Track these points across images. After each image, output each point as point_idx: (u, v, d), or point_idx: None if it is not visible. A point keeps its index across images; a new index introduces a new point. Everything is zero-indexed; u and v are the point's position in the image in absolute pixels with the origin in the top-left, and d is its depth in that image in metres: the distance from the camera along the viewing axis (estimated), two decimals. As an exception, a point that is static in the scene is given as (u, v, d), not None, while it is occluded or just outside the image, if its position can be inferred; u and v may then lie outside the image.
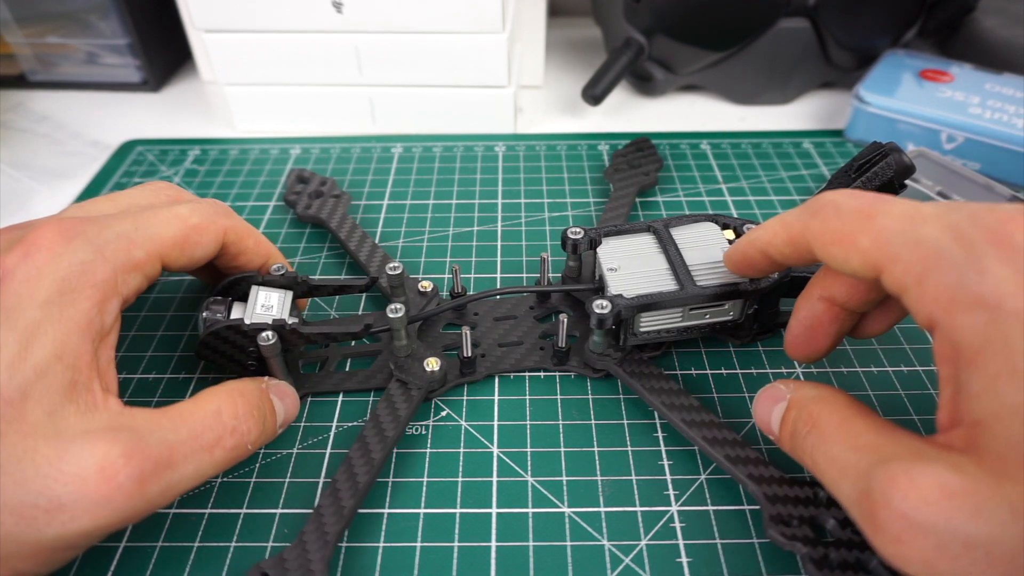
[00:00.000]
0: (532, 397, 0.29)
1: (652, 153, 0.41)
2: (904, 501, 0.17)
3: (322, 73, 0.44)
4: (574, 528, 0.25)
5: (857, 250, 0.20)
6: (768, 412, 0.24)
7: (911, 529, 0.17)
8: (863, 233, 0.20)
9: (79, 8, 0.48)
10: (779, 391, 0.24)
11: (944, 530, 0.16)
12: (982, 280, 0.17)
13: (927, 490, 0.17)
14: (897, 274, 0.19)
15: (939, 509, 0.17)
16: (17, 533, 0.19)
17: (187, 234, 0.25)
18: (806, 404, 0.22)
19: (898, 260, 0.19)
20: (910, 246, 0.19)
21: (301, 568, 0.22)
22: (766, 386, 0.24)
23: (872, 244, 0.20)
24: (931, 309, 0.18)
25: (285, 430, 0.26)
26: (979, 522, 0.16)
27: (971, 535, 0.16)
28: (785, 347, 0.28)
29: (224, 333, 0.26)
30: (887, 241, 0.19)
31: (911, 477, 0.17)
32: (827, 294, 0.25)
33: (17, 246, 0.22)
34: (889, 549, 0.18)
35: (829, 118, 0.48)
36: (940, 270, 0.18)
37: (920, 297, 0.19)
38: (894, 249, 0.19)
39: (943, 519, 0.17)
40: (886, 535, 0.18)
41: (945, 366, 0.19)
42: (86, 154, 0.45)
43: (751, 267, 0.26)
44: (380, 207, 0.40)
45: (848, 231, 0.20)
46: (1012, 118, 0.40)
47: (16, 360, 0.20)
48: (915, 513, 0.17)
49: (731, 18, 0.44)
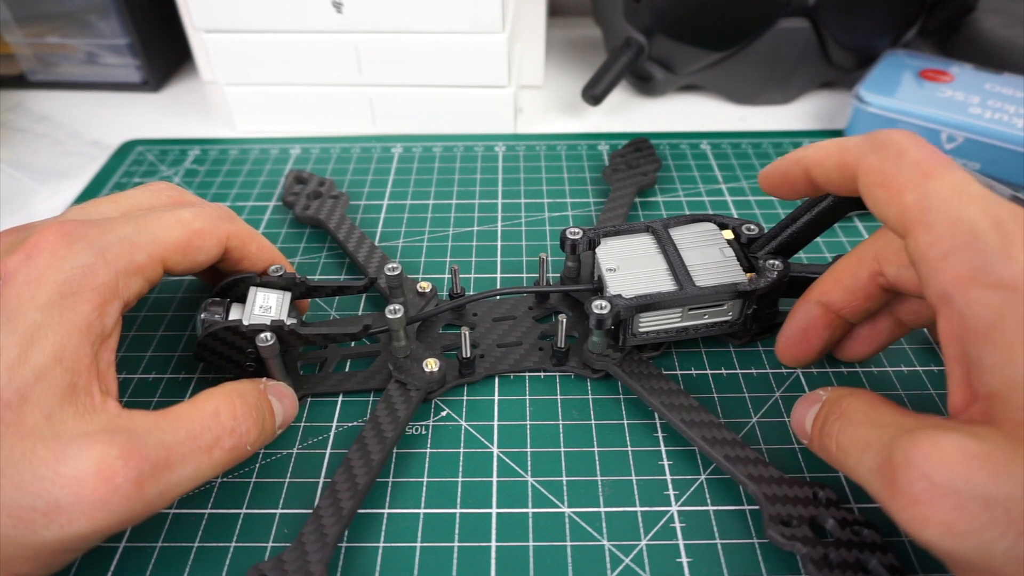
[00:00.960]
0: (532, 397, 0.29)
1: (651, 153, 0.41)
2: (926, 462, 0.18)
3: (322, 73, 0.44)
4: (574, 528, 0.25)
5: (899, 202, 0.20)
6: (804, 415, 0.24)
7: (932, 488, 0.17)
8: (912, 189, 0.20)
9: (79, 8, 0.48)
10: (817, 396, 0.24)
11: (964, 489, 0.17)
12: (1008, 265, 0.18)
13: (948, 452, 0.17)
14: (924, 243, 0.19)
15: (960, 469, 0.17)
16: (15, 536, 0.19)
17: (190, 239, 0.25)
18: (838, 400, 0.23)
19: (930, 229, 0.19)
20: (947, 220, 0.19)
21: (300, 569, 0.22)
22: (806, 393, 0.25)
23: (915, 204, 0.20)
24: (947, 284, 0.19)
25: (284, 431, 0.26)
26: (1000, 482, 0.17)
27: (991, 494, 0.17)
28: (776, 349, 0.28)
29: (222, 334, 0.26)
30: (929, 208, 0.19)
31: (935, 440, 0.18)
32: (825, 299, 0.27)
33: (19, 248, 0.22)
34: (908, 512, 0.18)
35: (829, 118, 0.48)
36: (969, 251, 0.18)
37: (940, 271, 0.19)
38: (931, 218, 0.19)
39: (964, 478, 0.17)
40: (906, 497, 0.18)
41: (952, 345, 0.19)
42: (86, 154, 0.45)
43: (788, 185, 0.25)
44: (380, 207, 0.40)
45: (901, 180, 0.20)
46: (1012, 118, 0.40)
47: (16, 363, 0.20)
48: (936, 473, 0.17)
49: (731, 18, 0.44)
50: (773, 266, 0.28)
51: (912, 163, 0.20)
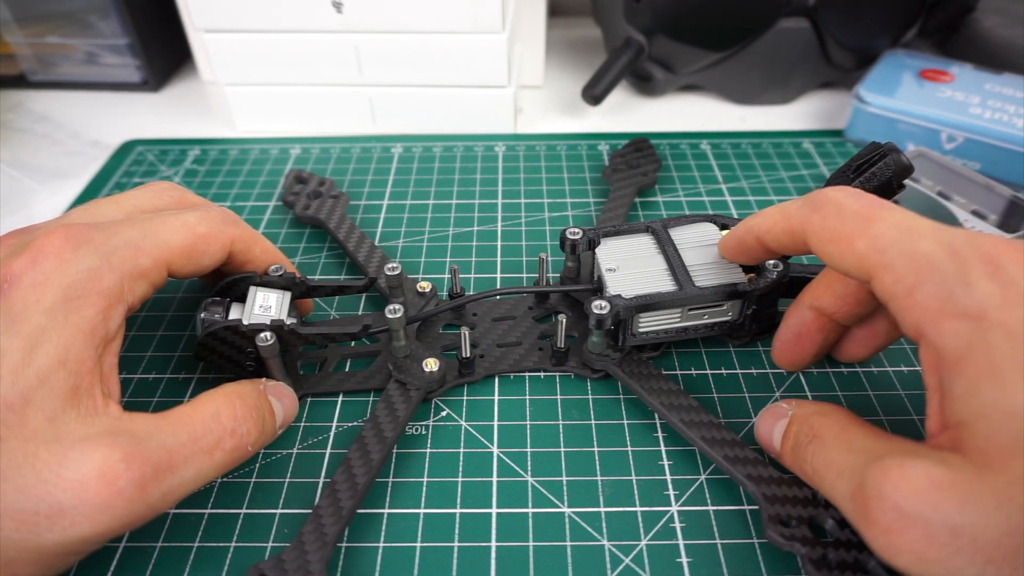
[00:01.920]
0: (532, 397, 0.29)
1: (651, 153, 0.41)
2: (896, 491, 0.18)
3: (322, 73, 0.44)
4: (574, 528, 0.25)
5: (853, 252, 0.21)
6: (770, 429, 0.24)
7: (902, 519, 0.18)
8: (860, 237, 0.21)
9: (79, 8, 0.48)
10: (781, 409, 0.24)
11: (932, 519, 0.17)
12: (969, 293, 0.18)
13: (917, 481, 0.18)
14: (888, 283, 0.20)
15: (928, 498, 0.17)
16: (18, 539, 0.19)
17: (194, 243, 0.25)
18: (807, 418, 0.23)
19: (891, 269, 0.20)
20: (905, 257, 0.20)
21: (300, 569, 0.22)
22: (768, 405, 0.25)
23: (868, 249, 0.20)
24: (919, 319, 0.19)
25: (285, 431, 0.26)
26: (965, 511, 0.17)
27: (957, 523, 0.17)
28: (772, 353, 0.29)
29: (222, 334, 0.26)
30: (882, 249, 0.20)
31: (903, 469, 0.18)
32: (816, 303, 0.27)
33: (24, 252, 0.22)
34: (881, 540, 0.18)
35: (829, 118, 0.48)
36: (931, 283, 0.19)
37: (909, 307, 0.19)
38: (888, 258, 0.20)
39: (931, 508, 0.17)
40: (878, 526, 0.18)
41: (931, 375, 0.19)
42: (86, 154, 0.45)
43: (746, 253, 0.26)
44: (380, 207, 0.40)
45: (846, 232, 0.21)
46: (1012, 118, 0.40)
47: (19, 366, 0.20)
48: (905, 503, 0.18)
49: (731, 18, 0.44)
50: (773, 266, 0.28)
51: (852, 213, 0.21)
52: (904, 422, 0.28)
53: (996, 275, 0.18)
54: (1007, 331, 0.18)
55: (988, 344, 0.18)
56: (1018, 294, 0.18)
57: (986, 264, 0.19)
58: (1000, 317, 0.18)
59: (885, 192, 0.25)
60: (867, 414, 0.28)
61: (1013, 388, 0.17)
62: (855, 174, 0.26)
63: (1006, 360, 0.17)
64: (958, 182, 0.38)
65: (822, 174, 0.42)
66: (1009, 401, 0.17)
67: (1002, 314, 0.18)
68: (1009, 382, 0.17)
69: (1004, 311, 0.18)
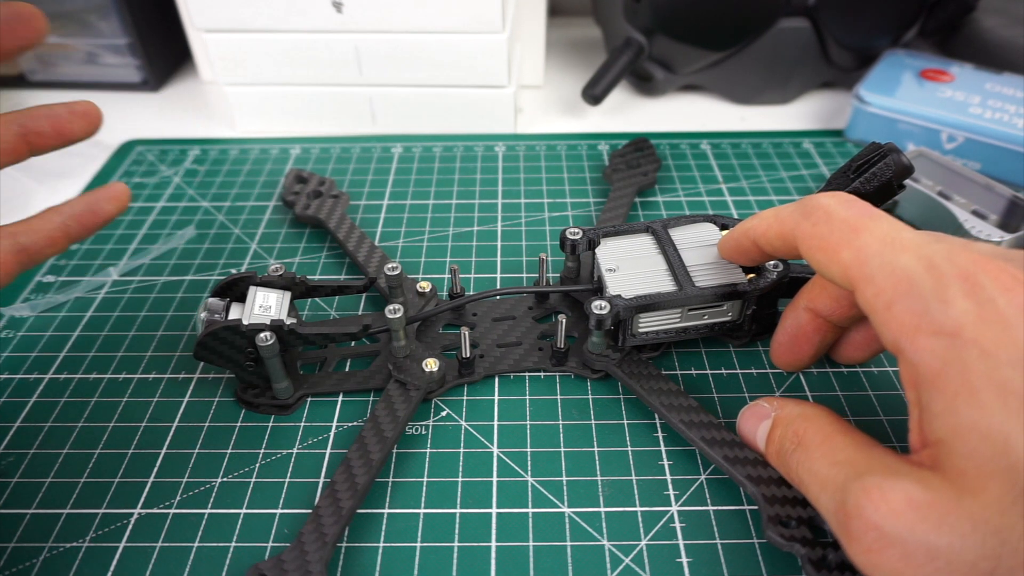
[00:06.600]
0: (532, 397, 0.29)
1: (651, 153, 0.41)
2: (875, 512, 0.18)
3: (322, 73, 0.44)
4: (574, 528, 0.25)
5: (838, 262, 0.21)
6: (753, 429, 0.25)
7: (881, 539, 0.18)
8: (846, 247, 0.21)
9: (79, 8, 0.48)
10: (763, 409, 0.25)
11: (910, 540, 0.17)
12: (945, 310, 0.18)
13: (896, 502, 0.18)
14: (868, 295, 0.20)
15: (906, 520, 0.18)
16: None
17: None
18: (791, 422, 0.23)
19: (871, 282, 0.20)
20: (885, 271, 0.20)
21: (300, 569, 0.22)
22: (749, 404, 0.26)
23: (852, 260, 0.20)
24: (896, 335, 0.19)
25: (284, 430, 0.26)
26: (942, 533, 0.17)
27: (934, 545, 0.17)
28: (771, 354, 0.29)
29: (222, 334, 0.26)
30: (865, 261, 0.20)
31: (883, 490, 0.18)
32: (812, 305, 0.27)
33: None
34: (861, 559, 0.19)
35: (829, 118, 0.48)
36: (908, 298, 0.19)
37: (887, 322, 0.19)
38: (870, 271, 0.20)
39: (909, 529, 0.17)
40: (859, 545, 0.19)
41: (910, 390, 0.19)
42: (86, 154, 0.45)
43: (743, 255, 0.26)
44: (380, 207, 0.40)
45: (833, 241, 0.21)
46: (1012, 118, 0.40)
47: None
48: (884, 523, 0.18)
49: (731, 18, 0.44)
50: (772, 267, 0.28)
51: (840, 222, 0.21)
52: (902, 422, 0.28)
53: (973, 292, 0.18)
54: (982, 349, 0.17)
55: (963, 362, 0.18)
56: (994, 312, 0.18)
57: (963, 281, 0.18)
58: (975, 335, 0.18)
59: (885, 192, 0.25)
60: (867, 414, 0.28)
61: (989, 408, 0.17)
62: (855, 174, 0.26)
63: (981, 379, 0.17)
64: (958, 182, 0.38)
65: (822, 174, 0.42)
66: (986, 422, 0.17)
67: (977, 332, 0.18)
68: (985, 402, 0.17)
69: (979, 329, 0.18)
